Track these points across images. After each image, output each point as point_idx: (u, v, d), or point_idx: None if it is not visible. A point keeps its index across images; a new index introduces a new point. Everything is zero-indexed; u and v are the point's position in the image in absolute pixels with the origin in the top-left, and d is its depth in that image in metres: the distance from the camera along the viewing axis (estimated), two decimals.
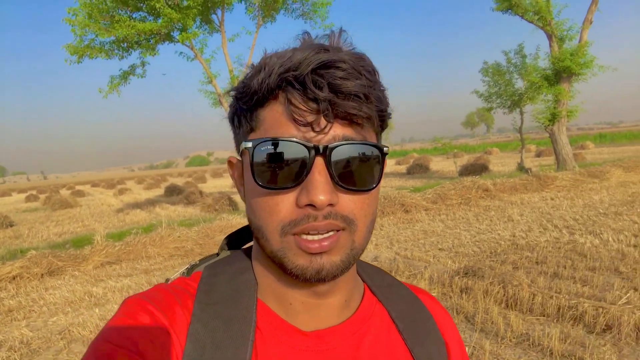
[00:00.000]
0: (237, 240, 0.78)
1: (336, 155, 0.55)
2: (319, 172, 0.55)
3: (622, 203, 9.94)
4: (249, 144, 0.57)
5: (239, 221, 10.36)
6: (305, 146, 0.55)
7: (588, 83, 17.42)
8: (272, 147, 0.56)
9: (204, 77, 13.31)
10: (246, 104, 0.60)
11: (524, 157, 22.33)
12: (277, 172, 0.56)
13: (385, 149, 0.60)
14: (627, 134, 55.03)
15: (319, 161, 0.55)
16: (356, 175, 0.57)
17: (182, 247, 8.96)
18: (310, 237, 0.56)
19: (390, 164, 39.69)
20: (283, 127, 0.56)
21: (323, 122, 0.55)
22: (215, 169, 72.03)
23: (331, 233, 0.57)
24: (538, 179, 13.71)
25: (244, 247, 0.77)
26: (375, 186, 0.60)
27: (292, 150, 0.55)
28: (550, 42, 17.57)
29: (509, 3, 17.18)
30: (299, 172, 0.55)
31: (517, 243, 7.21)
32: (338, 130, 0.56)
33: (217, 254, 0.76)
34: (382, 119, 0.61)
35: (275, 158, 0.56)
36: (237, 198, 18.45)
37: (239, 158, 0.67)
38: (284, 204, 0.57)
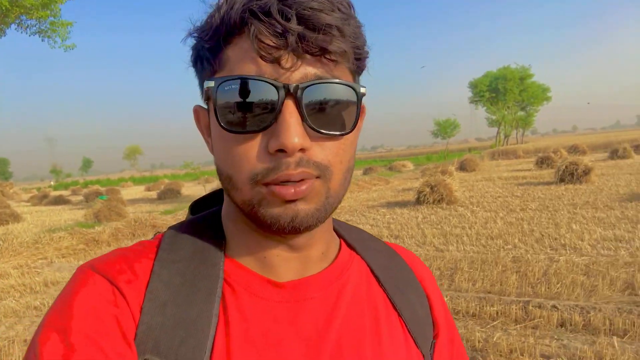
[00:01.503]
0: (204, 207, 0.71)
1: (308, 96, 0.49)
2: (289, 114, 0.48)
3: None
4: (211, 83, 0.50)
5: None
6: (274, 85, 0.48)
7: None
8: (237, 86, 0.49)
9: None
10: (209, 43, 0.52)
11: None
12: (243, 115, 0.49)
13: (362, 89, 0.53)
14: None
15: (289, 102, 0.49)
16: (329, 118, 0.51)
17: None
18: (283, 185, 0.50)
19: (140, 190, 37.30)
20: (248, 64, 0.49)
21: (292, 58, 0.48)
22: None
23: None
24: None
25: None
26: (350, 131, 0.53)
27: (259, 90, 0.48)
28: None
29: None
30: (267, 114, 0.49)
31: None
32: (309, 67, 0.49)
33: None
34: (358, 57, 0.54)
35: (241, 98, 0.49)
36: None
37: (204, 106, 0.59)
38: (254, 150, 0.50)
